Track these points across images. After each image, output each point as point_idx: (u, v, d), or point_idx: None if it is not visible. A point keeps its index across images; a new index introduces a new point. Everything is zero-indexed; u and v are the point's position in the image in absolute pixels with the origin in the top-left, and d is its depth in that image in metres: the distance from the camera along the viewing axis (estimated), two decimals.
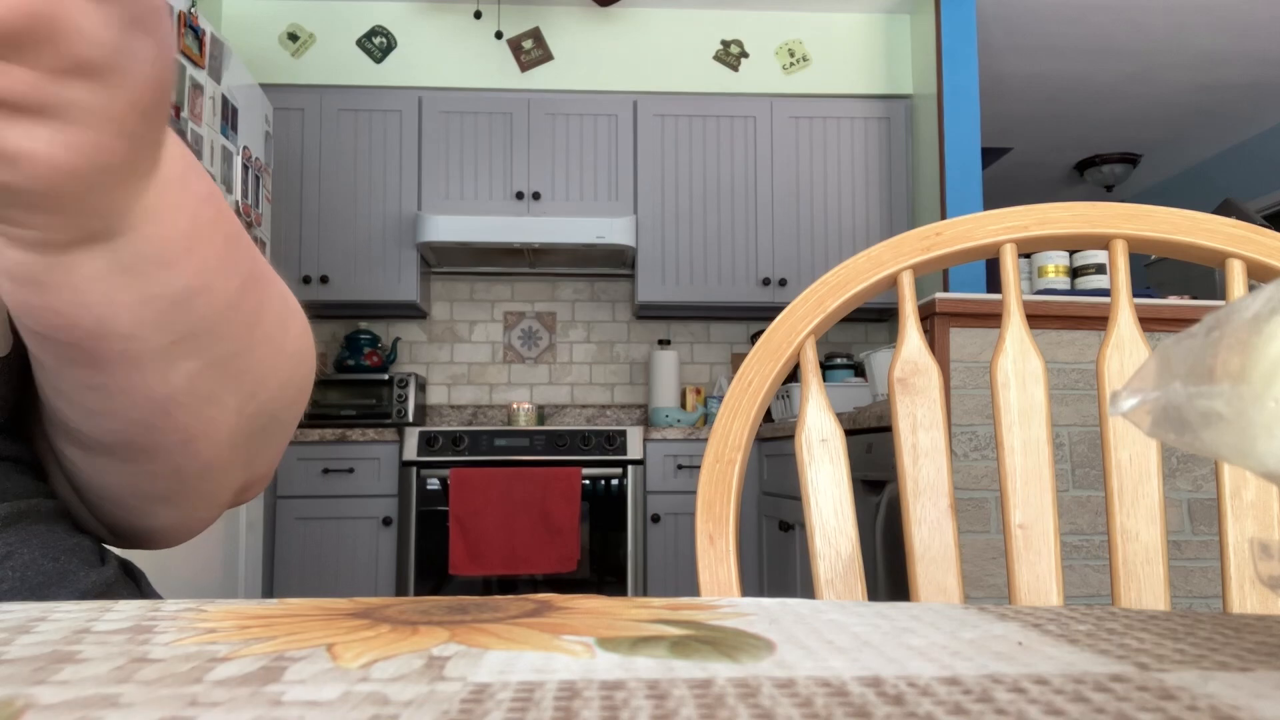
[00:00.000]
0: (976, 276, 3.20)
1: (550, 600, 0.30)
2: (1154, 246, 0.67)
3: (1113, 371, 0.65)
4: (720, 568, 0.62)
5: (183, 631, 0.25)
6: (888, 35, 3.72)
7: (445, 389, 3.71)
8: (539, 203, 3.50)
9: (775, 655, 0.23)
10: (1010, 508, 0.64)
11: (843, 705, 0.18)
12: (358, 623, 0.26)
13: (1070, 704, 0.19)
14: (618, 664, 0.22)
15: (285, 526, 3.02)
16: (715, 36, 3.70)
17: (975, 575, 1.87)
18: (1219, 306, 0.28)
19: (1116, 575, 0.62)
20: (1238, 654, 0.23)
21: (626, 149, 3.55)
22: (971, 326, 1.94)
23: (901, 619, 0.28)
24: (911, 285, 0.68)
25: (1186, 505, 1.93)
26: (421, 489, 3.03)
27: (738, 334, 3.81)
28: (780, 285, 3.50)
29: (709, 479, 0.64)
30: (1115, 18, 3.67)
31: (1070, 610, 0.30)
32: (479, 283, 3.78)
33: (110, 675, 0.20)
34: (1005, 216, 0.68)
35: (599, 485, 3.08)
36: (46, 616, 0.27)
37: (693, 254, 3.53)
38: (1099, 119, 4.71)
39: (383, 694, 0.19)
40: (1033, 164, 5.34)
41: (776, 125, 3.59)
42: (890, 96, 3.67)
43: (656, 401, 3.51)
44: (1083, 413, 1.93)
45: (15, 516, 0.42)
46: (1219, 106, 4.54)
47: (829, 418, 0.67)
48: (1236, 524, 0.61)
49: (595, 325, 3.79)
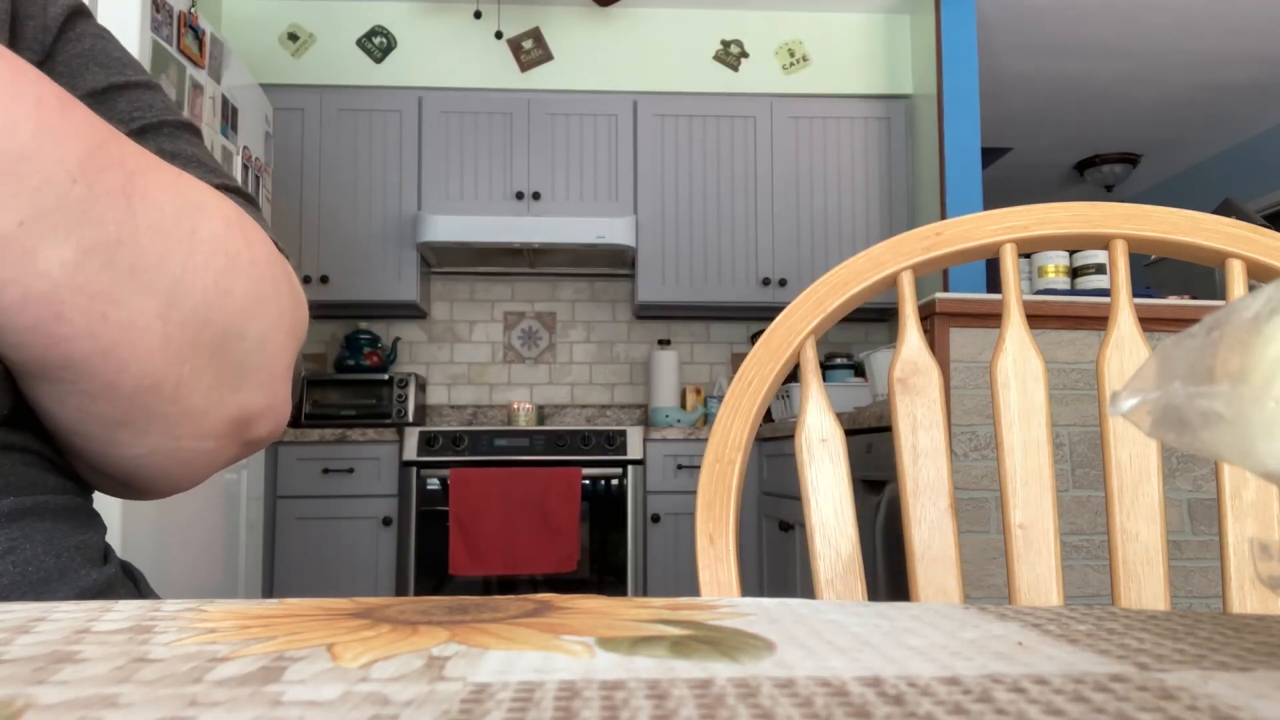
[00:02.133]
0: (976, 276, 3.20)
1: (550, 600, 0.30)
2: (1154, 246, 0.67)
3: (1113, 371, 0.65)
4: (720, 568, 0.62)
5: (183, 631, 0.25)
6: (888, 35, 3.72)
7: (445, 389, 3.71)
8: (539, 203, 3.50)
9: (775, 655, 0.23)
10: (1010, 508, 0.64)
11: (843, 705, 0.18)
12: (358, 623, 0.26)
13: (1070, 704, 0.19)
14: (618, 664, 0.22)
15: (285, 526, 3.02)
16: (715, 36, 3.70)
17: (975, 575, 1.87)
18: (1219, 306, 0.28)
19: (1116, 575, 0.62)
20: (1238, 654, 0.23)
21: (626, 149, 3.55)
22: (971, 326, 1.94)
23: (901, 619, 0.28)
24: (911, 285, 0.68)
25: (1186, 505, 1.93)
26: (421, 489, 3.03)
27: (738, 334, 3.81)
28: (780, 285, 3.51)
29: (709, 479, 0.64)
30: (1115, 18, 3.67)
31: (1070, 610, 0.30)
32: (479, 283, 3.78)
33: (110, 675, 0.20)
34: (1005, 216, 0.68)
35: (599, 485, 3.08)
36: (46, 616, 0.27)
37: (693, 254, 3.53)
38: (1099, 119, 4.71)
39: (383, 694, 0.19)
40: (1033, 164, 5.34)
41: (776, 125, 3.59)
42: (890, 96, 3.67)
43: (656, 401, 3.51)
44: (1083, 413, 1.93)
45: (20, 512, 0.42)
46: (1219, 106, 4.54)
47: (829, 418, 0.67)
48: (1236, 524, 0.61)
49: (595, 325, 3.79)
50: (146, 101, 0.54)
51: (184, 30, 2.24)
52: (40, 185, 0.36)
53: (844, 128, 3.62)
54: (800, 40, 3.72)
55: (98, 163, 0.39)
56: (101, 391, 0.41)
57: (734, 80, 3.68)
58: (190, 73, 2.27)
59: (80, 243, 0.38)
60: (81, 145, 0.38)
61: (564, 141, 3.54)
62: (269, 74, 3.48)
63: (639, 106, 3.56)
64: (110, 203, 0.39)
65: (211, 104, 2.40)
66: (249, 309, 0.45)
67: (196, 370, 0.43)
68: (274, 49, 3.55)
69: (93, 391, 0.41)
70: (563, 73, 3.64)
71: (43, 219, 0.37)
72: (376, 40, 3.59)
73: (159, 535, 2.12)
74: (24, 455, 0.44)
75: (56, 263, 0.37)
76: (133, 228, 0.40)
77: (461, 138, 3.51)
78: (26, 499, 0.43)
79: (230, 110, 2.53)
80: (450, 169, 3.50)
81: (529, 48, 3.63)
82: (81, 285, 0.38)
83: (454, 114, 3.52)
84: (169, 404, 0.43)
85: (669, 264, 3.52)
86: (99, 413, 0.43)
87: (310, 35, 3.58)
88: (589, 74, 3.65)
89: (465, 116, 3.52)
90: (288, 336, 0.49)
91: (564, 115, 3.55)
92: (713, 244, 3.54)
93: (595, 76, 3.65)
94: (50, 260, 0.37)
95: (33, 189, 0.36)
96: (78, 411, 0.42)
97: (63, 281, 0.38)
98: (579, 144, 3.55)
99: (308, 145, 3.46)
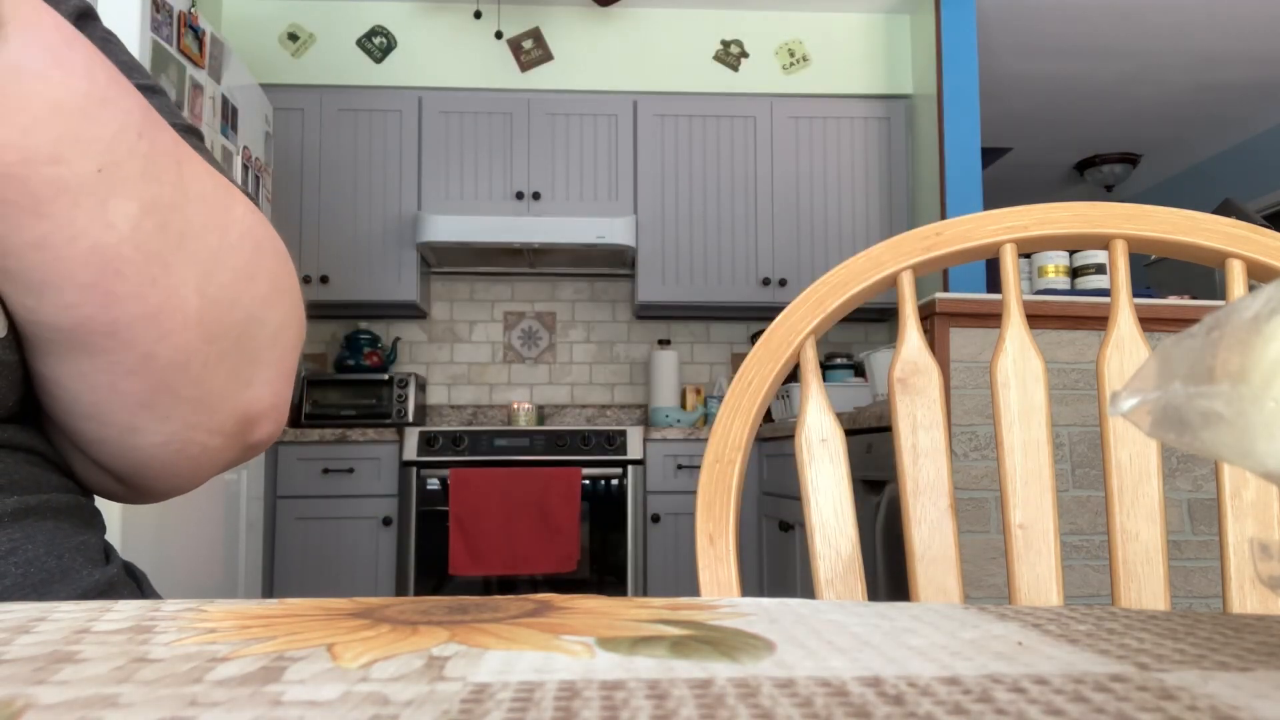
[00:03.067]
0: (976, 276, 3.20)
1: (550, 600, 0.30)
2: (1154, 246, 0.67)
3: (1113, 371, 0.65)
4: (720, 568, 0.62)
5: (183, 631, 0.25)
6: (888, 35, 3.72)
7: (445, 389, 3.71)
8: (539, 203, 3.50)
9: (775, 655, 0.23)
10: (1010, 508, 0.64)
11: (843, 705, 0.18)
12: (358, 623, 0.26)
13: (1070, 704, 0.19)
14: (618, 664, 0.22)
15: (285, 526, 3.02)
16: (715, 36, 3.70)
17: (975, 575, 1.87)
18: (1219, 306, 0.28)
19: (1116, 575, 0.62)
20: (1238, 654, 0.23)
21: (626, 149, 3.55)
22: (971, 326, 1.94)
23: (901, 619, 0.28)
24: (911, 285, 0.68)
25: (1186, 505, 1.93)
26: (421, 489, 3.03)
27: (738, 334, 3.81)
28: (780, 285, 3.50)
29: (709, 479, 0.64)
30: (1115, 18, 3.67)
31: (1070, 610, 0.30)
32: (479, 283, 3.78)
33: (110, 675, 0.20)
34: (1005, 216, 0.68)
35: (599, 485, 3.08)
36: (46, 616, 0.27)
37: (693, 254, 3.53)
38: (1099, 119, 4.71)
39: (383, 694, 0.19)
40: (1033, 164, 5.34)
41: (776, 125, 3.59)
42: (890, 96, 3.67)
43: (656, 401, 3.51)
44: (1083, 413, 1.93)
45: (23, 512, 0.42)
46: (1219, 106, 4.54)
47: (829, 418, 0.67)
48: (1236, 524, 0.61)
49: (595, 325, 3.79)
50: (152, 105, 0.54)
51: (184, 30, 2.24)
52: (117, 132, 0.37)
53: (844, 128, 3.62)
54: (800, 40, 3.72)
55: (154, 122, 0.39)
56: (138, 364, 0.41)
57: (734, 80, 3.68)
58: (190, 73, 2.27)
59: (143, 199, 0.38)
60: (141, 104, 0.39)
61: (564, 141, 3.54)
62: (269, 74, 3.48)
63: (639, 106, 3.56)
64: (167, 164, 0.39)
65: (211, 104, 2.40)
66: (270, 298, 0.46)
67: (222, 352, 0.44)
68: (274, 49, 3.55)
69: (129, 364, 0.41)
70: (563, 73, 3.64)
71: (117, 168, 0.37)
72: (376, 40, 3.59)
73: (159, 535, 2.12)
74: (28, 455, 0.44)
75: (123, 215, 0.38)
76: (184, 193, 0.40)
77: (461, 138, 3.51)
78: (31, 498, 0.43)
79: (230, 110, 2.53)
80: (450, 169, 3.50)
81: (529, 48, 3.63)
82: (140, 243, 0.38)
83: (454, 114, 3.52)
84: (193, 386, 0.43)
85: (669, 264, 3.52)
86: (127, 390, 0.42)
87: (310, 35, 3.57)
88: (589, 74, 3.65)
89: (465, 116, 3.52)
90: (297, 334, 0.49)
91: (564, 115, 3.55)
92: (713, 244, 3.54)
93: (595, 76, 3.65)
94: (118, 213, 0.37)
95: (111, 135, 0.36)
96: (107, 390, 0.42)
97: (127, 236, 0.38)
98: (579, 144, 3.55)
99: (308, 145, 3.46)
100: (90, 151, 0.36)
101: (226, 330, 0.44)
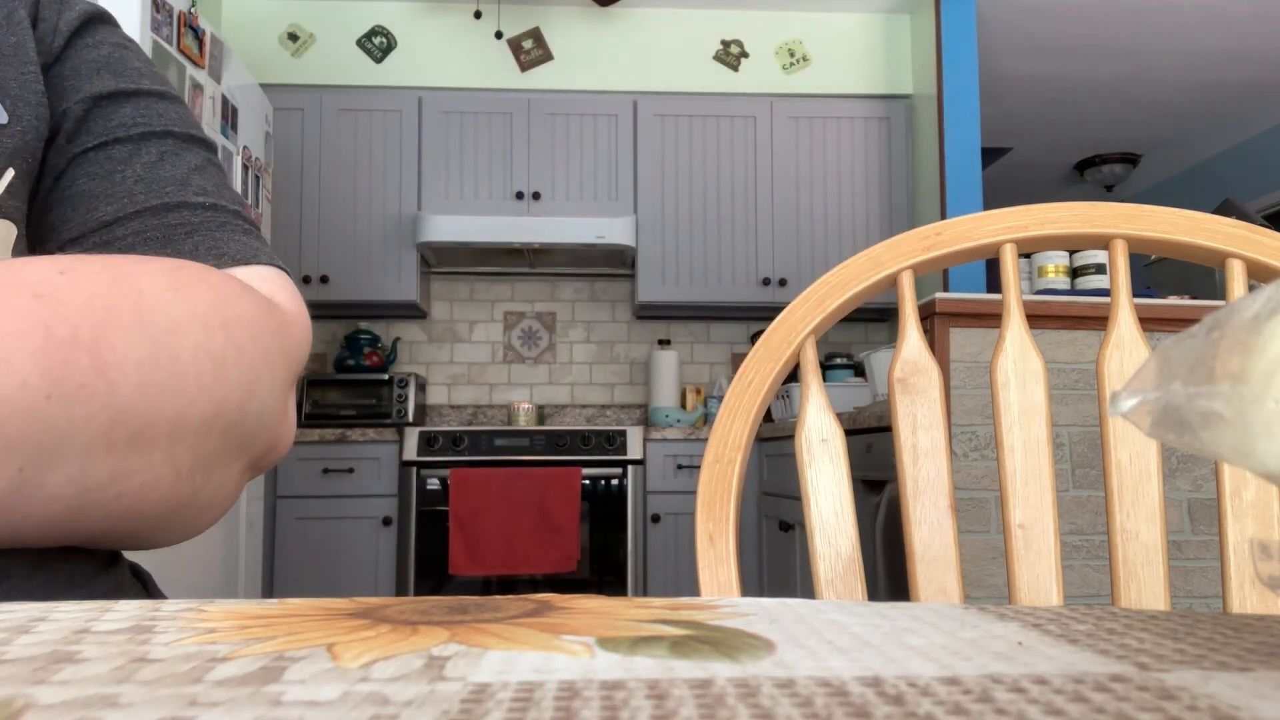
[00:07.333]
0: (976, 276, 3.20)
1: (550, 600, 0.30)
2: (1154, 246, 0.67)
3: (1113, 371, 0.65)
4: (720, 568, 0.62)
5: (183, 631, 0.25)
6: (887, 35, 3.72)
7: (445, 389, 3.71)
8: (539, 203, 3.50)
9: (775, 655, 0.23)
10: (1010, 508, 0.64)
11: (843, 705, 0.18)
12: (358, 623, 0.26)
13: (1070, 704, 0.19)
14: (618, 664, 0.22)
15: (285, 526, 3.02)
16: (715, 36, 3.70)
17: (975, 575, 1.87)
18: (1219, 306, 0.28)
19: (1116, 575, 0.62)
20: (1238, 654, 0.23)
21: (626, 149, 3.55)
22: (971, 326, 1.94)
23: (901, 619, 0.28)
24: (911, 285, 0.68)
25: (1186, 505, 1.93)
26: (421, 489, 3.03)
27: (738, 334, 3.81)
28: (780, 285, 3.50)
29: (709, 479, 0.64)
30: (1115, 18, 3.67)
31: (1070, 610, 0.30)
32: (479, 283, 3.78)
33: (110, 675, 0.20)
34: (1005, 216, 0.68)
35: (599, 485, 3.08)
36: (46, 616, 0.27)
37: (693, 254, 3.53)
38: (1099, 119, 4.71)
39: (383, 694, 0.19)
40: (1033, 164, 5.34)
41: (776, 125, 3.59)
42: (890, 96, 3.67)
43: (656, 401, 3.51)
44: (1083, 413, 1.93)
45: None
46: (1219, 106, 4.54)
47: (829, 418, 0.67)
48: (1236, 524, 0.61)
49: (595, 325, 3.79)
50: (157, 110, 0.54)
51: (184, 30, 2.24)
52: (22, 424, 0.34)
53: (844, 128, 3.62)
54: (800, 40, 3.72)
55: (60, 357, 0.35)
56: (120, 535, 0.43)
57: (734, 80, 3.68)
58: (190, 73, 2.27)
59: (77, 450, 0.37)
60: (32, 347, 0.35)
61: (564, 141, 3.54)
62: (269, 74, 3.48)
63: (639, 106, 3.56)
64: (88, 394, 0.36)
65: (211, 104, 2.40)
66: (243, 400, 0.44)
67: (207, 473, 0.44)
68: (274, 49, 3.55)
69: (111, 537, 0.43)
70: (563, 73, 3.64)
71: (39, 454, 0.35)
72: (376, 40, 3.59)
73: None
74: None
75: (64, 481, 0.37)
76: (119, 400, 0.37)
77: (461, 138, 3.51)
78: None
79: (230, 110, 2.53)
80: (450, 169, 3.50)
81: (529, 48, 3.63)
82: (91, 485, 0.38)
83: (454, 114, 3.52)
84: (189, 507, 0.44)
85: (669, 264, 3.51)
86: (118, 543, 0.44)
87: (310, 35, 3.57)
88: (589, 74, 3.65)
89: (465, 116, 3.52)
90: (285, 386, 0.48)
91: (564, 115, 3.55)
92: (713, 244, 3.54)
93: (595, 76, 3.65)
94: (58, 484, 0.37)
95: (17, 430, 0.34)
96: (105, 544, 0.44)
97: (76, 492, 0.38)
98: (579, 144, 3.55)
99: (308, 145, 3.46)
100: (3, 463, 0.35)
101: (208, 459, 0.43)
